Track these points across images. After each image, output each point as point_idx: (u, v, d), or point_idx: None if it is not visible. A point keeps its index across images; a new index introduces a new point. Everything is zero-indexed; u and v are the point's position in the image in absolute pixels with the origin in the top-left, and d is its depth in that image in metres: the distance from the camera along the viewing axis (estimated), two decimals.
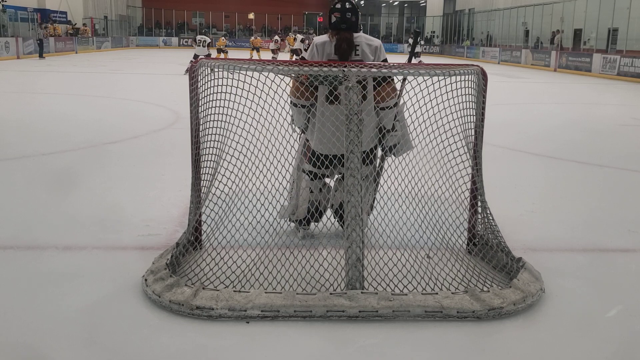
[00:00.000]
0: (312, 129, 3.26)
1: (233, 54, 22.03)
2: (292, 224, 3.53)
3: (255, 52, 25.03)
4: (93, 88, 12.48)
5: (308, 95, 3.11)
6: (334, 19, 3.22)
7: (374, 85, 3.07)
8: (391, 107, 3.23)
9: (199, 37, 16.88)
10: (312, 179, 3.35)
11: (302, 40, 21.61)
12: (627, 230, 3.85)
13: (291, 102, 3.19)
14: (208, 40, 16.51)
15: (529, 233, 3.70)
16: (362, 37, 3.25)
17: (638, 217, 4.20)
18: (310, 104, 3.20)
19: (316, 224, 3.43)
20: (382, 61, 3.24)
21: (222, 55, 18.42)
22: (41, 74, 16.08)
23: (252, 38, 26.60)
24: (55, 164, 5.53)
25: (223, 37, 21.92)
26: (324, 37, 3.28)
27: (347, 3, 3.22)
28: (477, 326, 2.50)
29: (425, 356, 2.32)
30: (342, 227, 3.32)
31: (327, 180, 3.45)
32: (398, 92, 3.27)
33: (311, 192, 3.36)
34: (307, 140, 3.32)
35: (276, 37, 25.81)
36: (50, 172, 5.17)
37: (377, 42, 3.29)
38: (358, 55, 3.22)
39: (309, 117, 3.26)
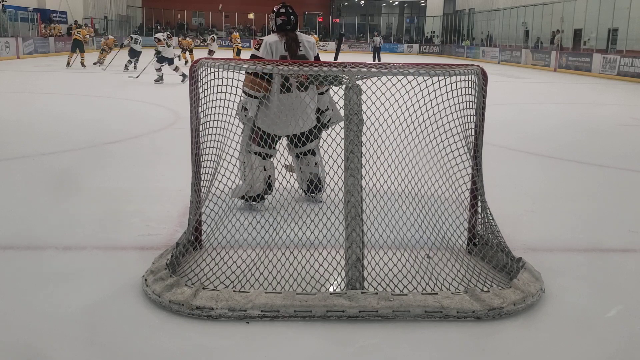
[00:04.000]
0: (264, 114, 3.75)
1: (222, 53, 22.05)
2: (242, 202, 3.93)
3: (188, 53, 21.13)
4: (93, 88, 12.48)
5: (265, 87, 3.61)
6: (279, 22, 3.84)
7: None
8: (325, 92, 3.93)
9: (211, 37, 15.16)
10: (263, 159, 3.85)
11: (213, 40, 21.69)
12: (627, 230, 3.85)
13: (246, 93, 3.66)
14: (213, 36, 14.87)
15: (529, 233, 3.70)
16: (302, 36, 3.91)
17: (638, 217, 4.20)
18: (263, 95, 3.67)
19: (272, 196, 3.97)
20: (316, 55, 3.95)
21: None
22: (41, 74, 16.08)
23: (182, 38, 21.88)
24: (55, 164, 5.53)
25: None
26: (274, 37, 3.83)
27: (289, 7, 3.86)
28: (477, 326, 2.50)
29: (425, 356, 2.32)
30: (311, 198, 4.05)
31: (271, 159, 3.96)
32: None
33: (264, 169, 3.83)
34: (255, 126, 3.80)
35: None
36: (50, 172, 5.17)
37: (312, 39, 4.00)
38: (302, 51, 3.85)
39: (259, 105, 3.76)
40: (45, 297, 2.69)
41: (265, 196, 3.97)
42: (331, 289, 2.80)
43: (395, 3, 48.91)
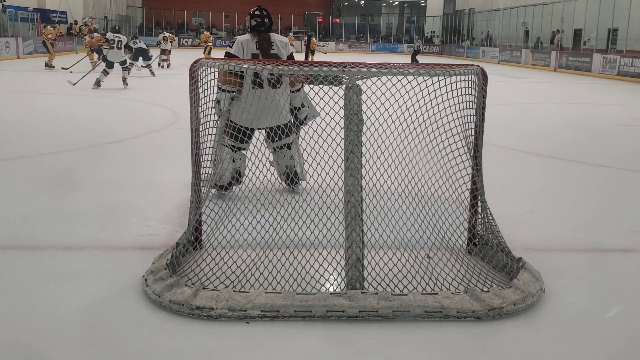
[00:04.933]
0: (237, 108, 3.94)
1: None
2: (214, 191, 4.06)
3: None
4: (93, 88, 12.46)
5: (237, 82, 3.89)
6: (254, 23, 4.11)
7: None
8: (298, 90, 4.17)
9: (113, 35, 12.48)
10: (233, 151, 4.07)
11: (165, 39, 18.95)
12: (627, 230, 3.85)
13: (220, 88, 3.90)
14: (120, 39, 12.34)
15: (529, 233, 3.70)
16: (275, 36, 4.18)
17: (638, 217, 4.20)
18: (237, 90, 3.94)
19: (237, 186, 4.15)
20: (290, 54, 4.21)
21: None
22: (41, 74, 16.07)
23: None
24: (55, 164, 5.53)
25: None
26: (247, 36, 4.13)
27: (264, 10, 4.14)
28: (477, 326, 2.51)
29: (425, 356, 2.32)
30: (290, 187, 4.26)
31: (243, 152, 4.14)
32: (302, 79, 4.11)
33: (233, 161, 4.06)
34: (228, 120, 4.00)
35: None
36: (50, 172, 5.17)
37: (285, 39, 4.26)
38: (274, 50, 4.12)
39: (233, 100, 3.97)
40: (45, 297, 2.69)
41: (232, 186, 4.18)
42: (331, 289, 2.80)
43: (395, 3, 48.88)
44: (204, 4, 43.69)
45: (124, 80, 12.35)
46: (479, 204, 3.16)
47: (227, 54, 4.06)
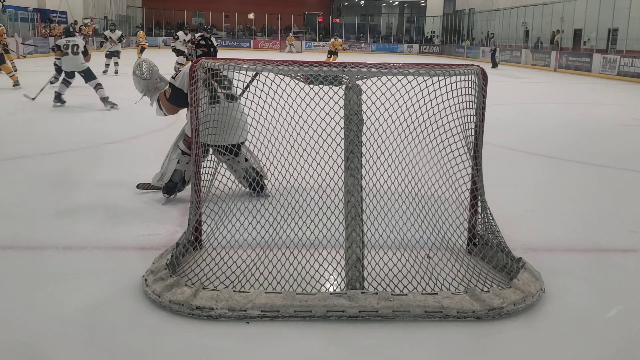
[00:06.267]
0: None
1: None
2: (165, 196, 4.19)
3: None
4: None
5: (176, 111, 4.20)
6: (199, 52, 4.23)
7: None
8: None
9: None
10: (182, 154, 4.16)
11: (118, 38, 16.39)
12: (627, 230, 3.85)
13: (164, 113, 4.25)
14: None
15: (529, 233, 3.70)
16: None
17: (638, 217, 4.20)
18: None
19: (179, 192, 4.23)
20: None
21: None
22: (41, 74, 16.06)
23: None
24: (55, 164, 5.53)
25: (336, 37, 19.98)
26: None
27: (208, 40, 4.31)
28: (477, 326, 2.51)
29: (425, 356, 2.32)
30: (258, 193, 4.12)
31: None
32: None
33: (178, 162, 4.15)
34: (185, 133, 4.12)
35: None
36: (50, 172, 5.17)
37: None
38: None
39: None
40: (45, 297, 2.69)
41: (176, 191, 4.22)
42: (331, 289, 2.80)
43: (395, 3, 48.85)
44: (204, 4, 43.69)
45: (105, 100, 9.37)
46: (479, 204, 3.17)
47: (172, 86, 4.03)
